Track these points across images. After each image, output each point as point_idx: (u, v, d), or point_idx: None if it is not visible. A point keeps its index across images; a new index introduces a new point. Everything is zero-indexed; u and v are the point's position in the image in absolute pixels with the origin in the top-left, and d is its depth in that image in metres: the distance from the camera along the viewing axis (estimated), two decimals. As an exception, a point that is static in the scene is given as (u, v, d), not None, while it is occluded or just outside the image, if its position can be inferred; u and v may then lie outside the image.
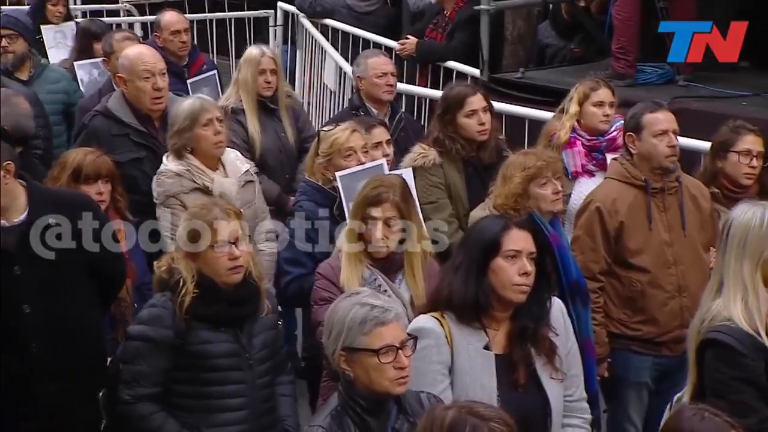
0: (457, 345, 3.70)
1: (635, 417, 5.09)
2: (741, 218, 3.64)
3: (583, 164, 5.67)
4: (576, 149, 5.67)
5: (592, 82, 5.82)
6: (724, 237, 3.66)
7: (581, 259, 4.95)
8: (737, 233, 3.61)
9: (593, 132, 5.71)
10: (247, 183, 5.50)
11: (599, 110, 5.71)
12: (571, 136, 5.71)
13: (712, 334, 3.57)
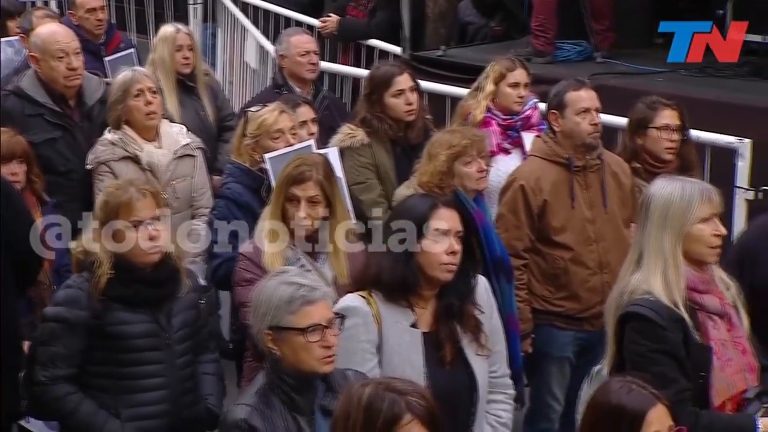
0: (384, 323, 3.71)
1: (557, 391, 5.16)
2: (661, 192, 3.68)
3: (499, 143, 5.71)
4: (491, 128, 5.70)
5: (508, 62, 5.85)
6: (644, 211, 3.70)
7: (505, 237, 5.00)
8: (658, 207, 3.65)
9: (508, 112, 5.76)
10: (184, 156, 5.51)
11: (514, 91, 5.75)
12: (486, 116, 5.74)
13: (632, 308, 3.62)
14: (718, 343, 3.63)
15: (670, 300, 3.59)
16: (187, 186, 5.50)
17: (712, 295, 3.68)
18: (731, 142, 5.95)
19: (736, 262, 3.98)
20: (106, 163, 5.39)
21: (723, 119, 6.41)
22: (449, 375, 3.72)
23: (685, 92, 6.79)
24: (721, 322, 3.67)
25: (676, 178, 3.81)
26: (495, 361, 3.88)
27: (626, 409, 3.03)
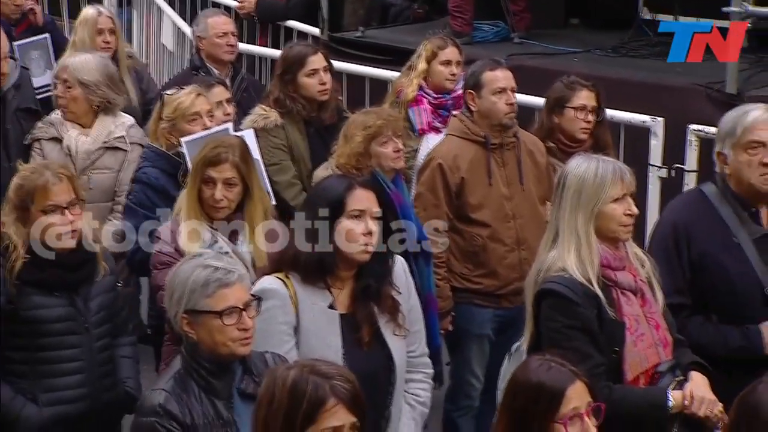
0: (302, 305, 3.70)
1: (477, 369, 5.21)
2: (576, 171, 3.72)
3: (429, 122, 5.74)
4: (422, 107, 5.73)
5: (440, 41, 5.88)
6: (559, 190, 3.74)
7: (424, 216, 5.03)
8: (572, 186, 3.70)
9: (440, 90, 5.79)
10: (114, 149, 5.43)
11: (446, 69, 5.79)
12: (418, 94, 5.77)
13: (548, 285, 3.67)
14: (632, 318, 3.68)
15: (584, 277, 3.64)
16: (108, 179, 5.40)
17: (626, 271, 3.74)
18: (645, 120, 6.05)
19: (672, 241, 4.03)
20: (38, 141, 5.44)
21: (637, 98, 6.52)
22: (367, 356, 3.72)
23: (600, 72, 6.90)
24: (634, 298, 3.73)
25: (592, 156, 3.85)
26: (413, 341, 3.89)
27: (546, 387, 3.06)
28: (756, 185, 4.00)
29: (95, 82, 5.45)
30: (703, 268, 3.99)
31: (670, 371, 3.70)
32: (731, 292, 3.97)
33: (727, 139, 4.00)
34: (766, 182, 3.98)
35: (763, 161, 3.96)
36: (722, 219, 4.02)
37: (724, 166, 4.03)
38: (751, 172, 3.97)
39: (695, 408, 3.60)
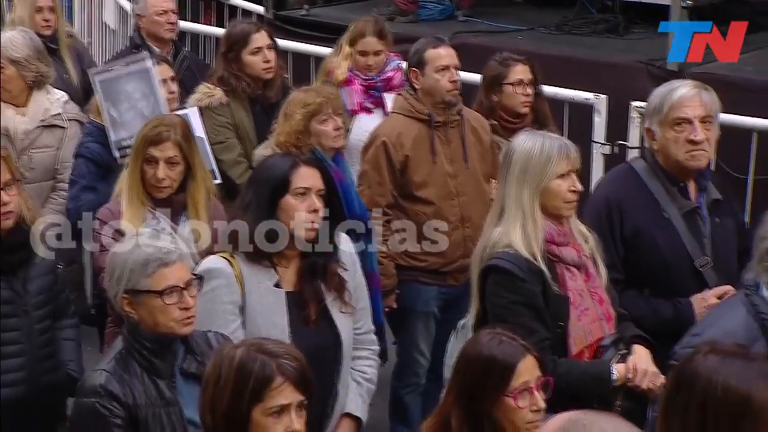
0: (247, 284, 3.69)
1: (423, 346, 5.22)
2: (522, 147, 3.73)
3: (360, 102, 5.73)
4: (353, 87, 5.72)
5: (363, 26, 5.84)
6: (505, 166, 3.76)
7: (368, 193, 5.03)
8: (518, 162, 3.71)
9: (365, 73, 5.78)
10: (52, 127, 5.36)
11: (362, 59, 5.80)
12: (349, 75, 5.77)
13: (493, 261, 3.69)
14: (576, 293, 3.72)
15: (529, 252, 3.66)
16: (48, 157, 5.34)
17: (569, 247, 3.77)
18: (588, 98, 6.09)
19: (605, 216, 4.06)
20: None
21: (580, 76, 6.56)
22: (314, 334, 3.72)
23: (544, 50, 6.94)
24: (578, 273, 3.76)
25: (537, 133, 3.88)
26: (359, 318, 3.90)
27: (497, 360, 3.09)
28: (682, 162, 4.04)
29: (26, 57, 5.39)
30: (635, 243, 4.04)
31: (613, 345, 3.74)
32: (662, 266, 4.02)
33: (655, 116, 4.03)
34: (692, 159, 4.02)
35: (689, 138, 3.99)
36: (652, 194, 4.07)
37: (652, 142, 4.07)
38: (678, 149, 4.01)
39: (638, 381, 3.65)
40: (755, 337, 3.07)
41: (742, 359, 2.44)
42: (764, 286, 3.21)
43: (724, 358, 2.44)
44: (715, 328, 3.11)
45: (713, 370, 2.40)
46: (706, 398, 2.38)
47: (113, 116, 4.95)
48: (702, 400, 2.38)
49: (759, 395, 2.35)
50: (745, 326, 3.12)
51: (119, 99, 4.99)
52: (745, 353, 2.48)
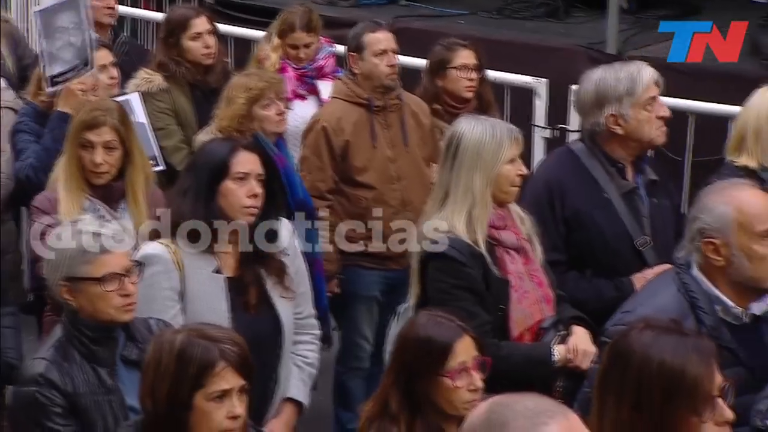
0: (187, 270, 3.67)
1: (366, 331, 5.24)
2: (472, 132, 3.74)
3: (294, 89, 5.72)
4: (287, 74, 5.70)
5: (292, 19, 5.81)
6: (452, 151, 3.75)
7: (309, 179, 5.02)
8: (469, 147, 3.71)
9: (297, 63, 5.78)
10: None
11: (294, 52, 5.79)
12: (282, 62, 5.76)
13: (434, 246, 3.70)
14: (516, 276, 3.75)
15: (471, 237, 3.68)
16: None
17: (508, 230, 3.80)
18: (528, 82, 6.12)
19: (545, 198, 4.10)
20: None
21: (521, 60, 6.59)
22: (254, 319, 3.71)
23: (485, 34, 6.96)
24: (517, 256, 3.80)
25: (481, 117, 3.89)
26: (300, 303, 3.89)
27: (434, 341, 3.11)
28: (654, 140, 4.12)
29: None
30: (576, 224, 4.08)
31: (553, 326, 3.79)
32: (604, 246, 4.07)
33: (626, 99, 4.05)
34: (662, 135, 4.11)
35: (658, 115, 4.06)
36: (592, 176, 4.12)
37: (616, 126, 4.08)
38: (651, 128, 4.07)
39: (578, 361, 3.70)
40: (685, 315, 3.12)
41: (676, 335, 2.48)
42: (695, 265, 3.27)
43: (658, 334, 2.48)
44: (646, 306, 3.16)
45: (648, 346, 2.44)
46: (641, 374, 2.42)
47: (49, 50, 4.90)
48: (637, 375, 2.42)
49: (693, 370, 2.39)
50: (675, 304, 3.17)
51: (55, 34, 4.93)
52: (680, 329, 2.53)
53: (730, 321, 3.21)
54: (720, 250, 3.20)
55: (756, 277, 3.18)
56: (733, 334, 3.19)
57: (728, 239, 3.19)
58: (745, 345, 3.18)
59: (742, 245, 3.18)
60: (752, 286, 3.21)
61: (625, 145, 4.12)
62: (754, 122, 4.39)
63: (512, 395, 1.91)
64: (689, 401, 2.38)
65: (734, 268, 3.19)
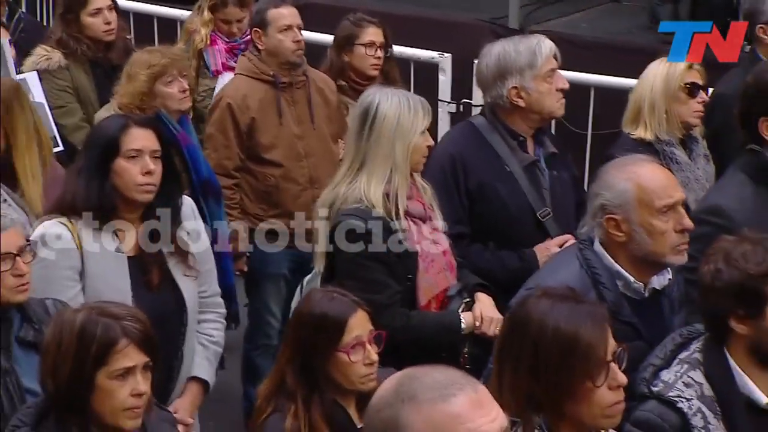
0: (87, 249, 3.61)
1: (274, 308, 5.22)
2: (388, 103, 3.74)
3: (224, 62, 5.68)
4: (217, 47, 5.66)
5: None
6: (367, 122, 3.75)
7: (215, 157, 4.98)
8: (389, 116, 3.72)
9: (229, 37, 5.73)
10: None
11: (226, 26, 5.75)
12: (212, 35, 5.71)
13: (343, 217, 3.70)
14: (423, 245, 3.78)
15: (385, 207, 3.69)
16: None
17: (415, 200, 3.82)
18: (433, 57, 6.15)
19: (449, 172, 4.12)
20: None
21: (425, 35, 6.61)
22: (157, 298, 3.67)
23: (389, 9, 6.97)
24: (424, 225, 3.82)
25: (393, 89, 3.90)
26: (204, 281, 3.86)
27: (328, 317, 3.12)
28: (554, 112, 4.17)
29: None
30: (479, 197, 4.12)
31: (458, 294, 3.83)
32: (506, 218, 4.12)
33: (527, 72, 4.08)
34: (561, 107, 4.16)
35: (557, 87, 4.11)
36: (494, 149, 4.16)
37: (518, 99, 4.12)
38: (551, 100, 4.12)
39: (485, 328, 3.75)
40: (587, 290, 3.17)
41: (571, 302, 2.53)
42: (597, 240, 3.32)
43: (554, 302, 2.53)
44: (549, 282, 3.20)
45: (544, 314, 2.49)
46: (537, 340, 2.47)
47: None
48: (534, 341, 2.46)
49: (587, 336, 2.44)
50: (577, 279, 3.21)
51: None
52: (575, 297, 2.57)
53: (631, 296, 3.26)
54: (621, 226, 3.25)
55: (656, 251, 3.24)
56: (634, 309, 3.25)
57: (629, 215, 3.24)
58: (645, 319, 3.24)
59: (643, 221, 3.23)
60: (652, 260, 3.26)
61: (526, 118, 4.16)
62: (648, 94, 4.48)
63: (421, 368, 1.92)
64: (583, 366, 2.43)
65: (635, 244, 3.24)
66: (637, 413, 2.78)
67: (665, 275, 3.31)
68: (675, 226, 3.23)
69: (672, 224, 3.22)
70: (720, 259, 2.85)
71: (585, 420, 2.48)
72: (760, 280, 2.79)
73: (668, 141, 4.47)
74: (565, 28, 6.18)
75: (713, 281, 2.85)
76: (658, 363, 2.91)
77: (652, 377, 2.87)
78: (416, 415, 1.84)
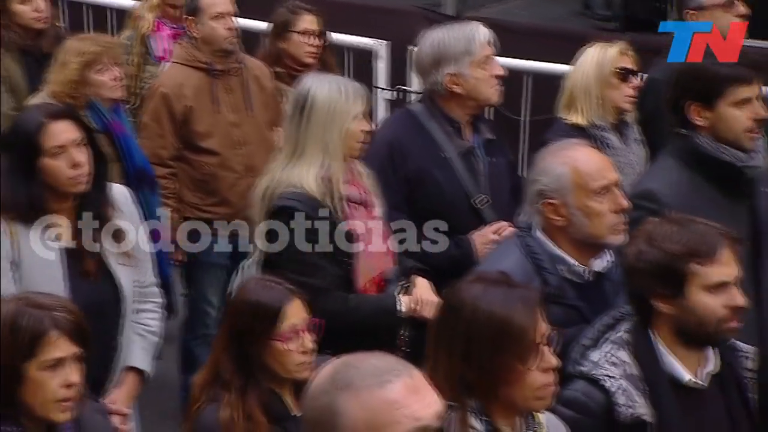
0: (21, 239, 3.57)
1: (212, 297, 5.20)
2: (323, 89, 3.74)
3: (168, 49, 5.64)
4: (161, 33, 5.63)
5: None
6: (302, 108, 3.75)
7: (150, 146, 4.95)
8: (322, 104, 3.72)
9: (176, 23, 5.70)
10: None
11: (172, 11, 5.73)
12: (157, 21, 5.69)
13: (281, 201, 3.69)
14: (361, 229, 3.78)
15: (320, 192, 3.69)
16: None
17: (353, 185, 3.82)
18: (369, 43, 6.15)
19: (387, 158, 4.13)
20: None
21: (361, 22, 6.61)
22: (93, 287, 3.63)
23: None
24: (362, 210, 3.83)
25: (328, 75, 3.90)
26: (141, 271, 3.82)
27: (264, 305, 3.11)
28: (490, 98, 4.20)
29: None
30: (417, 184, 4.14)
31: (396, 278, 3.84)
32: (443, 204, 4.14)
33: (465, 59, 4.10)
34: (498, 93, 4.19)
35: (493, 74, 4.13)
36: (431, 136, 4.18)
37: (454, 86, 4.14)
38: (488, 87, 4.14)
39: (423, 311, 3.76)
40: (530, 277, 3.21)
41: (504, 287, 2.55)
42: (537, 227, 3.35)
43: (487, 286, 2.54)
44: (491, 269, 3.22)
45: (477, 298, 2.50)
46: (470, 324, 2.48)
47: None
48: (467, 326, 2.48)
49: (519, 319, 2.46)
50: (520, 267, 3.24)
51: None
52: (507, 281, 2.59)
53: (574, 280, 3.30)
54: (559, 210, 3.28)
55: (595, 233, 3.28)
56: (577, 292, 3.29)
57: (566, 199, 3.27)
58: (588, 302, 3.28)
59: (580, 204, 3.26)
60: (592, 243, 3.30)
61: (462, 105, 4.19)
62: (582, 80, 4.53)
63: (357, 355, 1.93)
64: (515, 350, 2.45)
65: (574, 227, 3.28)
66: (565, 392, 2.82)
67: (606, 258, 3.35)
68: (612, 207, 3.27)
69: (608, 205, 3.27)
70: (643, 240, 2.89)
71: (517, 402, 2.51)
72: (681, 260, 2.82)
73: (601, 126, 4.53)
74: (501, 14, 6.22)
75: (636, 262, 2.89)
76: (587, 343, 2.95)
77: (581, 357, 2.91)
78: (353, 402, 1.84)
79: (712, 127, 3.61)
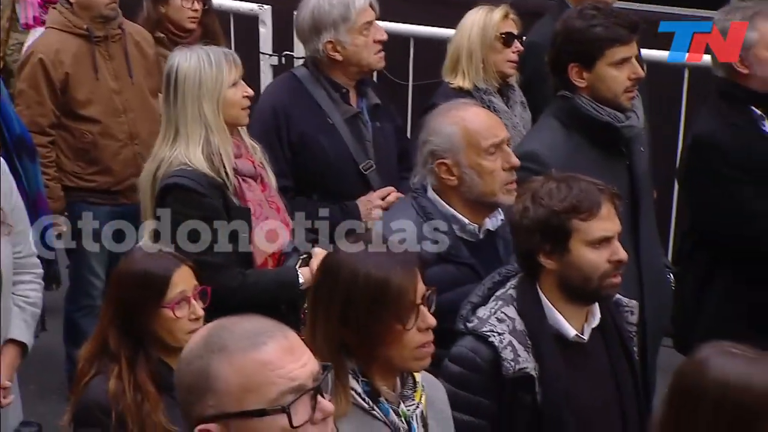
0: None
1: (97, 267, 5.12)
2: (188, 63, 3.66)
3: (36, 16, 5.49)
4: (29, 1, 5.44)
5: None
6: (172, 84, 3.67)
7: (28, 114, 4.82)
8: (189, 77, 3.63)
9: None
10: None
11: None
12: None
13: (172, 179, 3.61)
14: (255, 203, 3.72)
15: (210, 167, 3.62)
16: None
17: (244, 158, 3.77)
18: (252, 9, 6.08)
19: (272, 124, 4.10)
20: None
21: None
22: (-32, 259, 3.54)
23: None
24: (255, 183, 3.77)
25: (194, 46, 3.81)
26: (19, 242, 3.72)
27: (151, 273, 3.07)
28: (374, 64, 4.19)
29: None
30: (302, 150, 4.12)
31: (294, 251, 3.81)
32: (329, 170, 4.13)
33: (342, 25, 4.08)
34: (381, 59, 4.18)
35: (375, 39, 4.12)
36: (316, 101, 4.16)
37: (334, 53, 4.11)
38: (369, 52, 4.13)
39: None
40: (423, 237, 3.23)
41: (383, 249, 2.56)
42: (430, 187, 3.37)
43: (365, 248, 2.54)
44: (386, 231, 3.24)
45: (355, 260, 2.50)
46: (348, 285, 2.47)
47: None
48: (345, 288, 2.48)
49: (396, 280, 2.47)
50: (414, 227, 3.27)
51: None
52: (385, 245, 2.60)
53: (467, 238, 3.34)
54: (452, 170, 3.31)
55: (487, 191, 3.32)
56: (471, 251, 3.33)
57: (458, 158, 3.30)
58: (482, 260, 3.32)
59: (472, 162, 3.30)
60: (485, 201, 3.35)
61: (345, 71, 4.17)
62: (466, 43, 4.56)
63: (230, 318, 1.91)
64: (393, 310, 2.46)
65: (466, 186, 3.32)
66: (453, 348, 2.85)
67: (498, 216, 3.40)
68: (503, 165, 3.32)
69: (500, 163, 3.32)
70: (527, 198, 2.94)
71: (395, 362, 2.51)
72: (564, 216, 2.88)
73: (486, 89, 4.57)
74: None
75: (522, 219, 2.94)
76: (476, 301, 2.98)
77: (469, 314, 2.95)
78: (227, 365, 1.83)
79: (592, 87, 3.67)
